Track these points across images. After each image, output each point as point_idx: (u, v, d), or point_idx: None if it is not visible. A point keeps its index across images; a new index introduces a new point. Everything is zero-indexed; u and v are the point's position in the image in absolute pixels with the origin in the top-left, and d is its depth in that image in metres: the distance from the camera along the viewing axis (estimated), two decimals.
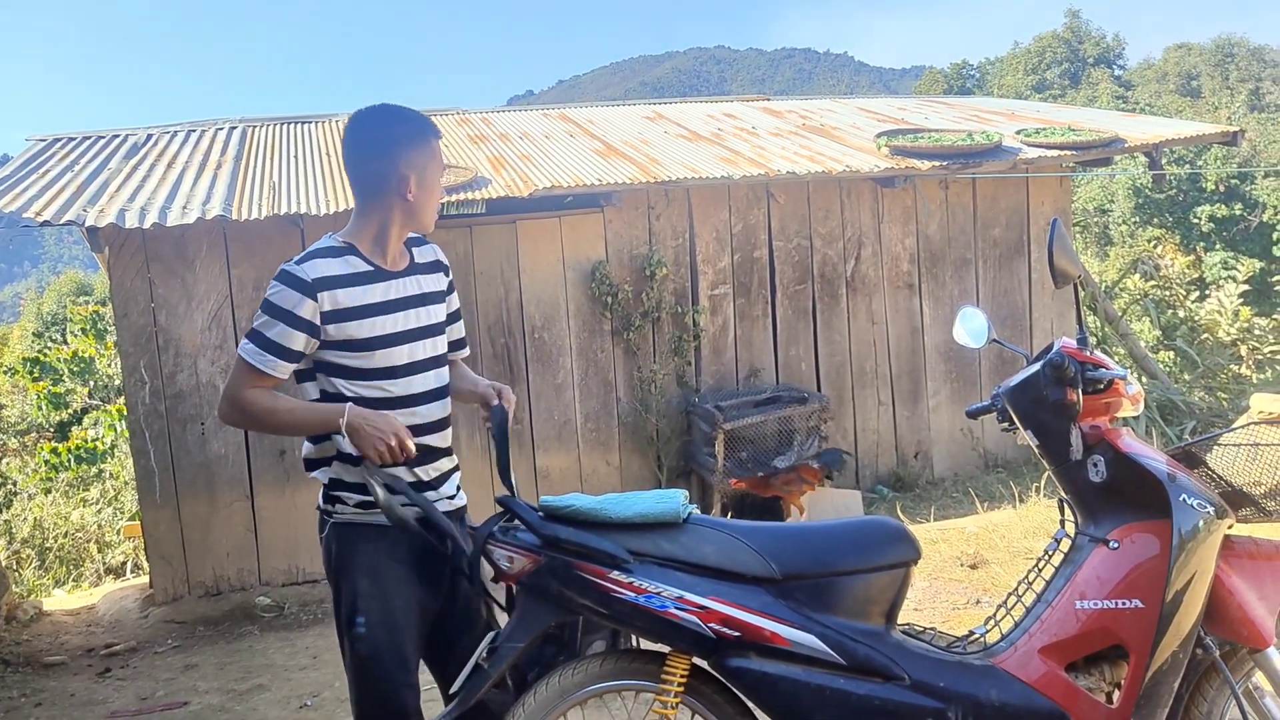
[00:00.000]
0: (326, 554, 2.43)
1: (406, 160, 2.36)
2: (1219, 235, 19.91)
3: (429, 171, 2.39)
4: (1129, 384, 2.50)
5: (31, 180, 6.38)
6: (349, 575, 2.36)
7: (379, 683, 2.37)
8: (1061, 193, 7.97)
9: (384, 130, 2.39)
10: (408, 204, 2.39)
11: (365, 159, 2.39)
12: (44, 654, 5.45)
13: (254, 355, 2.29)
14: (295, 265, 2.31)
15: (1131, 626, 2.33)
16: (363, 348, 2.35)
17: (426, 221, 2.46)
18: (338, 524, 2.39)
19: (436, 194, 2.45)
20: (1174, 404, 8.08)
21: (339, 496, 2.39)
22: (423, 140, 2.39)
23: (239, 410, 2.33)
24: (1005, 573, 5.01)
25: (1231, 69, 35.83)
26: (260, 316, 2.31)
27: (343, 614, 2.37)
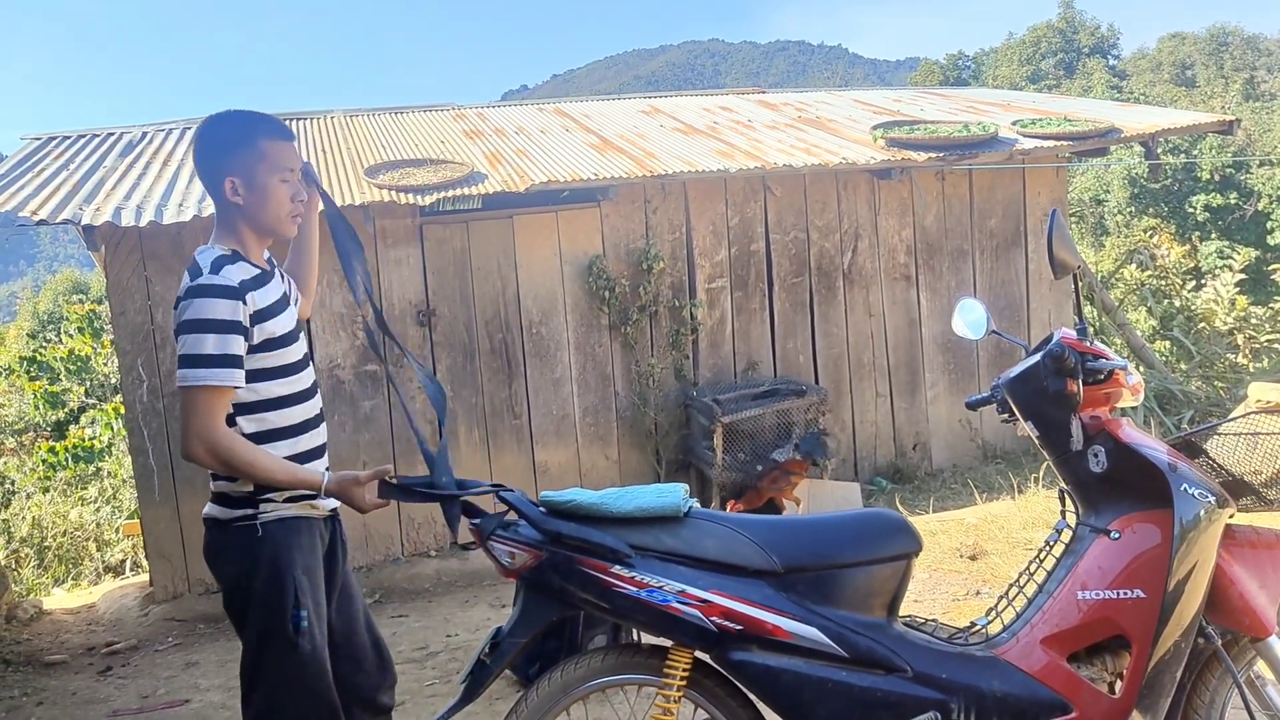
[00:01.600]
0: (254, 560, 2.32)
1: (229, 164, 2.33)
2: (1214, 224, 19.93)
3: (257, 174, 2.34)
4: (1129, 374, 2.50)
5: (27, 179, 6.36)
6: (289, 572, 2.32)
7: (317, 680, 2.35)
8: (1057, 183, 7.97)
9: (211, 135, 2.38)
10: (239, 208, 2.36)
11: (198, 165, 2.41)
12: (45, 653, 5.45)
13: (214, 376, 2.23)
14: (213, 275, 2.27)
15: (1133, 616, 2.34)
16: (280, 345, 2.37)
17: (271, 225, 2.40)
18: (268, 523, 2.33)
19: (274, 201, 2.37)
20: (1172, 393, 8.09)
21: (266, 497, 2.34)
22: (246, 143, 2.34)
23: (216, 454, 2.25)
24: (1005, 564, 5.02)
25: (1226, 58, 35.82)
26: (197, 338, 2.23)
27: (277, 613, 2.30)
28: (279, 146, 2.38)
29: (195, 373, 2.23)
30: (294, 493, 2.36)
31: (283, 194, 2.38)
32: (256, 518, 2.34)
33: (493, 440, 6.58)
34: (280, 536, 2.34)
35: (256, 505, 2.34)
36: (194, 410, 2.24)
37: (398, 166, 6.49)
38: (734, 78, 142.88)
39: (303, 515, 2.38)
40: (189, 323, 2.24)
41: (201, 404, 2.24)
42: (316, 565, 2.40)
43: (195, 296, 2.25)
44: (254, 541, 2.33)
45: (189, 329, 2.24)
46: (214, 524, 2.39)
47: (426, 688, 4.32)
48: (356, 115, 8.61)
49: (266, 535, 2.33)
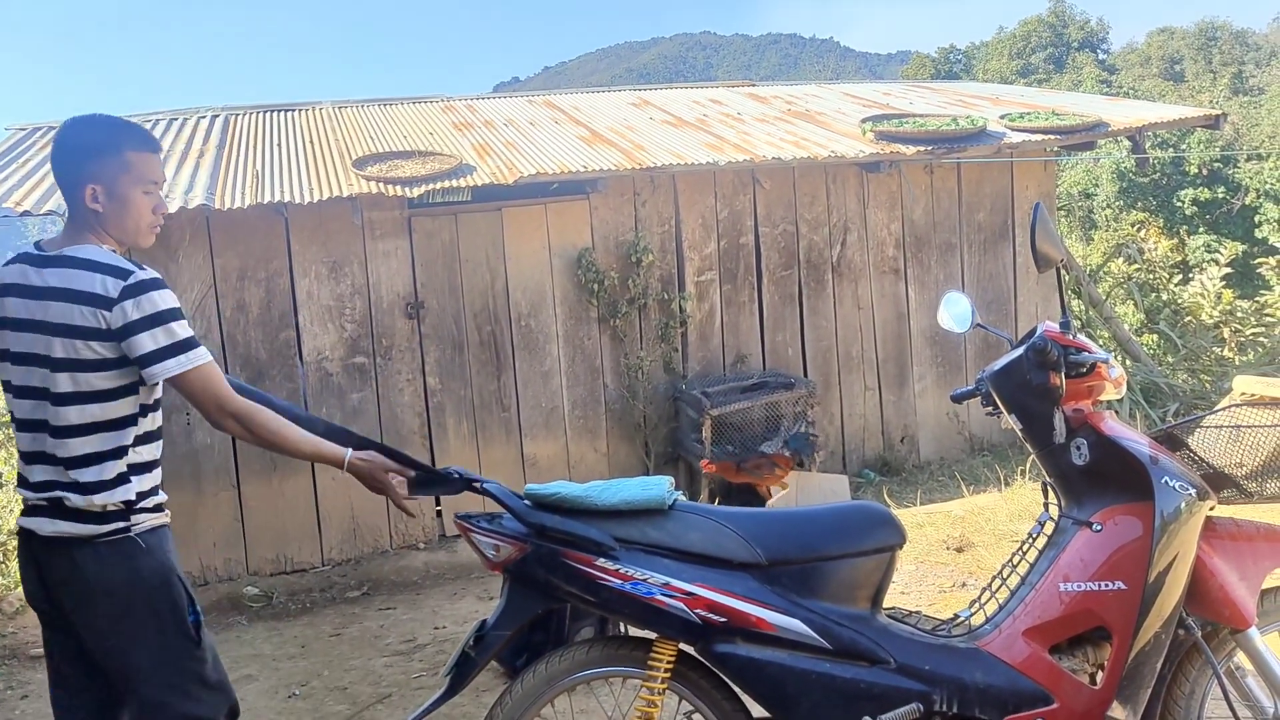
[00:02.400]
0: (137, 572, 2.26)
1: (91, 170, 2.28)
2: (1202, 218, 20.02)
3: (120, 184, 2.29)
4: (1111, 367, 2.52)
5: (11, 170, 6.32)
6: (175, 575, 2.31)
7: (215, 671, 2.36)
8: (1046, 177, 7.99)
9: (75, 140, 2.32)
10: (98, 215, 2.30)
11: (56, 167, 2.34)
12: (30, 646, 5.42)
13: (205, 355, 2.30)
14: (144, 270, 2.26)
15: (1114, 608, 2.35)
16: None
17: (129, 235, 2.37)
18: (147, 532, 2.29)
19: (134, 211, 2.33)
20: (1157, 386, 8.13)
21: (141, 508, 2.29)
22: (112, 150, 2.29)
23: (244, 420, 2.30)
24: (991, 556, 5.04)
25: (1214, 52, 35.93)
26: (177, 324, 2.26)
27: (175, 616, 2.29)
28: (145, 158, 2.34)
29: (193, 354, 2.26)
30: (159, 500, 2.35)
31: (144, 205, 2.34)
32: (130, 530, 2.27)
33: (481, 433, 6.57)
34: (157, 545, 2.31)
35: (129, 518, 2.27)
36: (208, 386, 2.28)
37: (386, 158, 6.47)
38: (726, 70, 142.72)
39: (165, 523, 2.37)
40: (164, 313, 2.23)
41: (212, 380, 2.28)
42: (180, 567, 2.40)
43: (148, 290, 2.23)
44: (135, 554, 2.27)
45: (166, 318, 2.23)
46: (74, 543, 2.25)
47: (413, 679, 4.32)
48: (345, 106, 8.58)
49: (147, 546, 2.28)
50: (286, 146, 7.03)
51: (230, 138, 7.27)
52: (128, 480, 2.28)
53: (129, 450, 2.29)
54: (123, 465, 2.28)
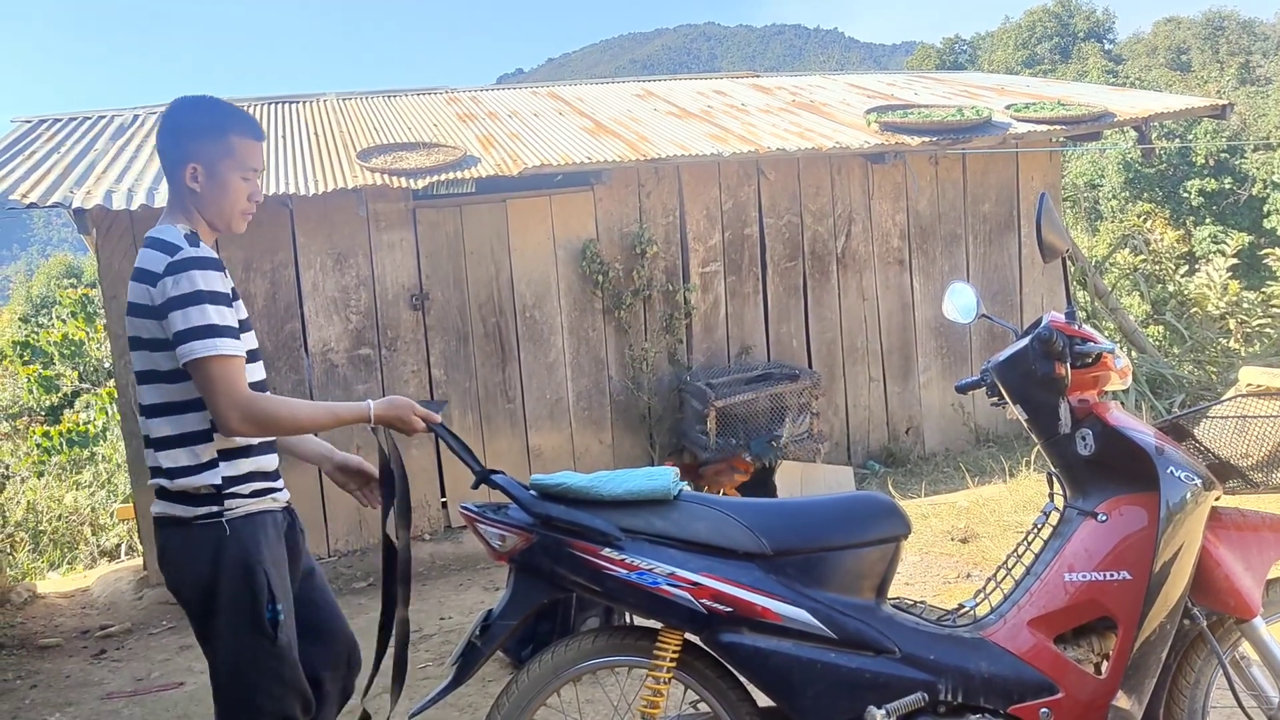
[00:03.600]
0: (221, 558, 2.26)
1: (194, 149, 2.31)
2: (1208, 209, 19.92)
3: (221, 167, 2.32)
4: (1117, 358, 2.51)
5: (17, 162, 6.33)
6: (260, 567, 2.27)
7: (292, 670, 2.32)
8: (1051, 167, 7.96)
9: (182, 118, 2.35)
10: (195, 195, 2.33)
11: (161, 145, 2.37)
12: (39, 636, 5.46)
13: (227, 345, 2.19)
14: (195, 249, 2.24)
15: (1119, 598, 2.35)
16: (243, 330, 2.32)
17: (222, 218, 2.38)
18: (234, 520, 2.28)
19: (233, 195, 2.35)
20: (1163, 377, 8.11)
21: (233, 493, 2.29)
22: (217, 133, 2.32)
23: (260, 420, 2.21)
24: (995, 547, 5.04)
25: (1221, 42, 35.74)
26: (200, 309, 2.18)
27: (251, 609, 2.26)
28: (249, 145, 2.36)
29: (208, 342, 2.17)
30: (259, 485, 2.33)
31: (241, 191, 2.36)
32: (222, 515, 2.27)
33: (486, 424, 6.58)
34: (247, 533, 2.29)
35: (222, 502, 2.27)
36: (219, 380, 2.18)
37: (391, 150, 6.47)
38: (730, 61, 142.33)
39: (266, 510, 2.34)
40: (188, 295, 2.18)
41: (223, 373, 2.18)
42: (282, 558, 2.37)
43: (189, 269, 2.20)
44: (222, 540, 2.26)
45: (188, 301, 2.18)
46: (173, 523, 2.31)
47: (420, 670, 4.33)
48: (350, 98, 8.57)
49: (234, 533, 2.27)
50: (291, 138, 7.03)
51: None
52: (215, 465, 2.28)
53: (213, 434, 2.27)
54: (210, 450, 2.28)
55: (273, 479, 2.40)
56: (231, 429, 2.20)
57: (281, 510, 2.42)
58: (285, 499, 2.45)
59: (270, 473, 2.39)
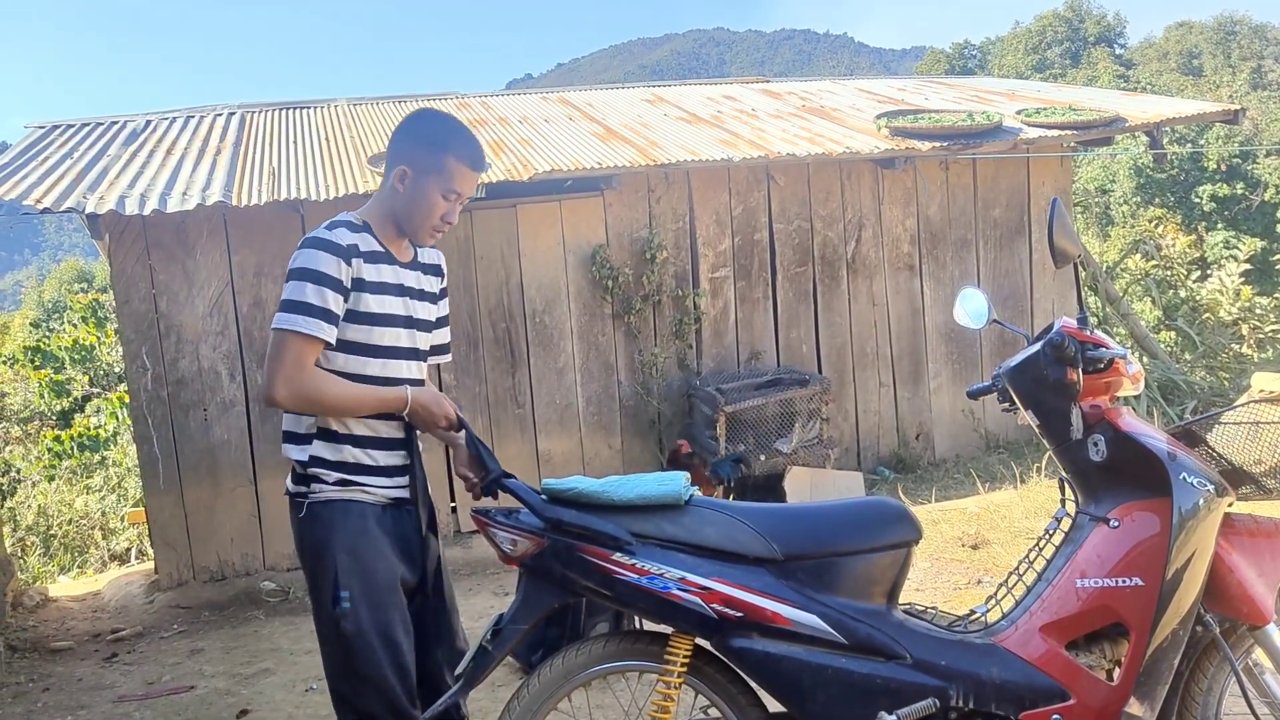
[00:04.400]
0: (301, 538, 2.39)
1: (411, 155, 2.40)
2: (1221, 214, 19.86)
3: (427, 179, 2.38)
4: (1129, 363, 2.50)
5: (31, 168, 6.37)
6: (329, 552, 2.33)
7: (365, 663, 2.33)
8: (1062, 173, 7.95)
9: (416, 125, 2.45)
10: (396, 194, 2.42)
11: (393, 140, 2.47)
12: (51, 639, 5.48)
13: (308, 325, 2.26)
14: (326, 231, 2.34)
15: (1132, 604, 2.34)
16: (366, 321, 2.36)
17: (411, 226, 2.44)
18: (314, 504, 2.36)
19: (427, 207, 2.40)
20: (1175, 383, 8.08)
21: (316, 474, 2.36)
22: (436, 148, 2.39)
23: (307, 396, 2.28)
24: (1006, 553, 5.03)
25: (1233, 47, 35.64)
26: (297, 285, 2.29)
27: (324, 593, 2.33)
28: (461, 170, 2.40)
29: (288, 317, 2.27)
30: (346, 476, 2.37)
31: (438, 208, 2.41)
32: (307, 496, 2.37)
33: (496, 429, 6.59)
34: (325, 517, 2.35)
35: (308, 484, 2.37)
36: (282, 353, 2.27)
37: None
38: (739, 66, 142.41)
39: (351, 499, 2.38)
40: (293, 270, 2.31)
41: (290, 348, 2.26)
42: (366, 548, 2.36)
43: (305, 246, 2.32)
44: (304, 519, 2.37)
45: (292, 275, 2.30)
46: (288, 497, 2.44)
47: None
48: (360, 104, 8.60)
49: (311, 515, 2.36)
50: (302, 144, 7.06)
51: (246, 135, 7.31)
52: (309, 441, 2.37)
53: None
54: (310, 424, 2.37)
55: (374, 473, 2.40)
56: (275, 399, 2.27)
57: (384, 504, 2.42)
58: (388, 495, 2.43)
59: (372, 466, 2.40)
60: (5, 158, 6.73)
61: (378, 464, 2.42)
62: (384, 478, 2.43)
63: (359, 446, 2.38)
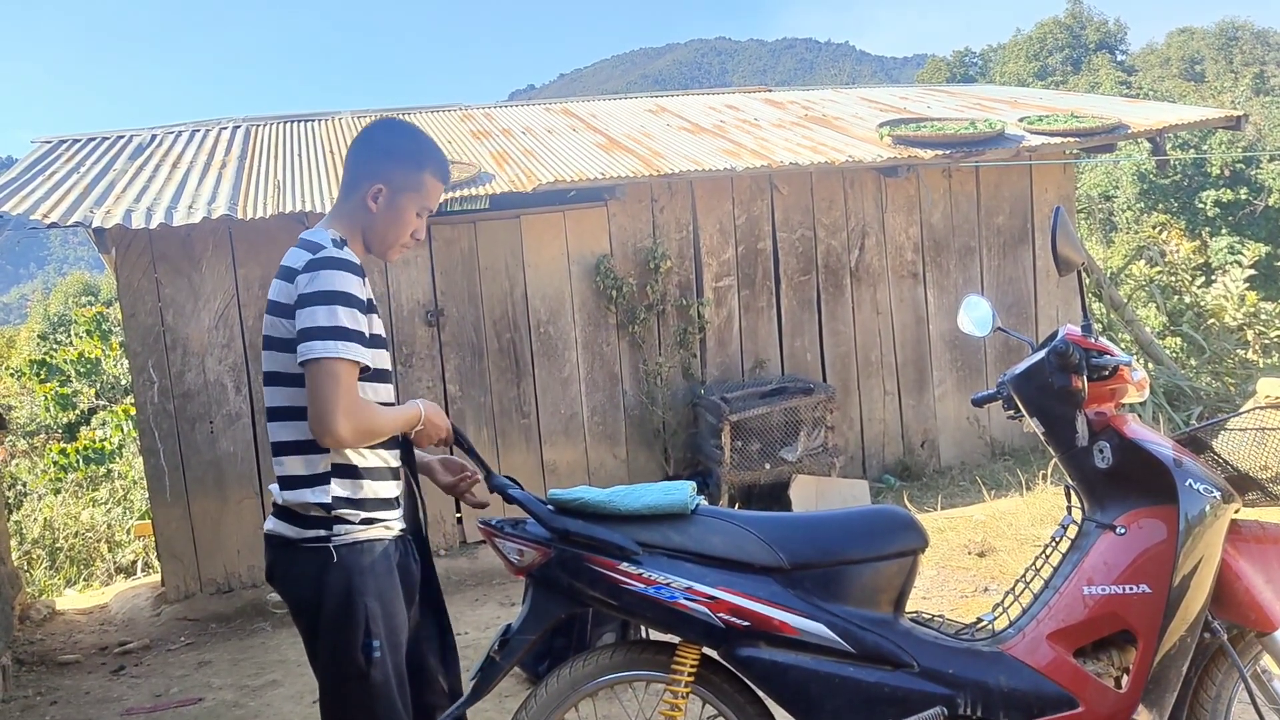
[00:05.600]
0: (324, 584, 2.18)
1: (386, 172, 2.28)
2: (1225, 220, 19.83)
3: (404, 198, 2.29)
4: (1134, 370, 2.51)
5: (38, 182, 6.40)
6: (360, 599, 2.18)
7: (389, 709, 2.22)
8: (1065, 179, 7.95)
9: (384, 139, 2.33)
10: (369, 215, 2.30)
11: (354, 157, 2.34)
12: (58, 653, 5.49)
13: (350, 350, 2.10)
14: (338, 250, 2.20)
15: (1139, 611, 2.34)
16: (376, 344, 2.25)
17: (382, 244, 2.34)
18: (341, 547, 2.19)
19: (400, 227, 2.31)
20: (1181, 389, 8.07)
21: (341, 516, 2.20)
22: (414, 166, 2.30)
23: (367, 428, 2.14)
24: (1013, 560, 5.02)
25: (1235, 52, 35.66)
26: (329, 309, 2.11)
27: (351, 641, 2.18)
28: (436, 187, 2.34)
29: (331, 344, 2.08)
30: (370, 515, 2.24)
31: (410, 225, 2.33)
32: (330, 540, 2.19)
33: (501, 439, 6.60)
34: (353, 562, 2.19)
35: (330, 527, 2.19)
36: (336, 383, 2.08)
37: None
38: (741, 76, 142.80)
39: (376, 539, 2.24)
40: (319, 294, 2.12)
41: (344, 377, 2.09)
42: (390, 590, 2.25)
43: (324, 268, 2.14)
44: (327, 566, 2.18)
45: (319, 300, 2.11)
46: (280, 542, 2.25)
47: None
48: (364, 116, 8.64)
49: (340, 561, 2.18)
50: (307, 156, 7.09)
51: (252, 148, 7.34)
52: (326, 481, 2.19)
53: (326, 449, 2.18)
54: (325, 462, 2.19)
55: (389, 507, 2.30)
56: (339, 436, 2.10)
57: (395, 539, 2.31)
58: (400, 528, 2.33)
59: (387, 500, 2.29)
60: (12, 172, 6.76)
61: (391, 497, 2.31)
62: (396, 510, 2.34)
63: (375, 479, 2.26)
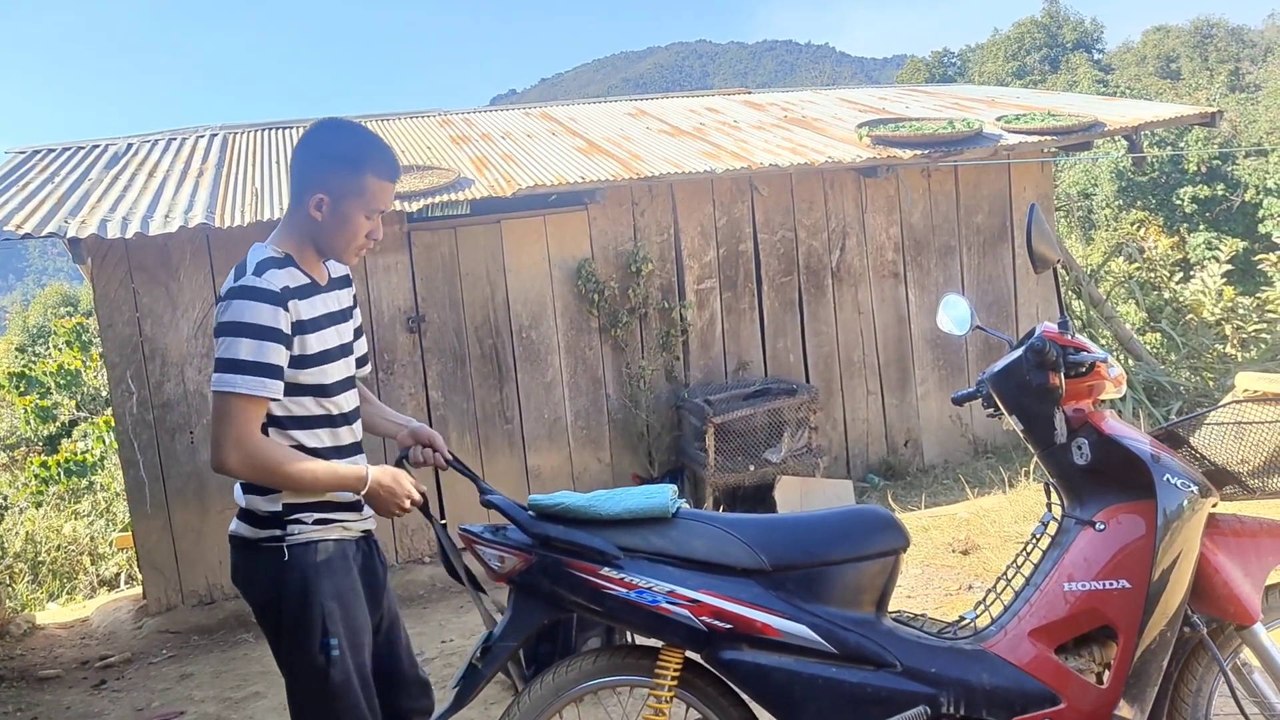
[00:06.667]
0: (279, 584, 2.23)
1: (325, 180, 2.25)
2: (1202, 216, 19.99)
3: (348, 204, 2.26)
4: (1111, 366, 2.52)
5: (12, 193, 6.35)
6: (315, 599, 2.23)
7: (349, 709, 2.26)
8: (1043, 178, 8.00)
9: (322, 144, 2.29)
10: (315, 223, 2.28)
11: (295, 164, 2.32)
12: (38, 668, 5.43)
13: (247, 384, 2.13)
14: (255, 277, 2.19)
15: (1119, 607, 2.35)
16: (313, 363, 2.26)
17: (335, 251, 2.33)
18: (295, 546, 2.24)
19: (349, 233, 2.29)
20: (1160, 385, 8.12)
21: (295, 519, 2.25)
22: (353, 170, 2.25)
23: (259, 464, 2.15)
24: (996, 558, 5.04)
25: (1210, 50, 35.96)
26: (232, 341, 2.14)
27: (309, 641, 2.23)
28: (382, 186, 2.29)
29: (228, 378, 2.13)
30: (324, 515, 2.28)
31: (361, 229, 2.30)
32: (284, 539, 2.24)
33: (485, 445, 6.58)
34: (308, 561, 2.24)
35: (284, 526, 2.24)
36: (227, 417, 2.13)
37: None
38: (722, 78, 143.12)
39: (333, 538, 2.29)
40: (226, 325, 2.17)
41: (235, 411, 2.13)
42: (349, 590, 2.30)
43: (235, 298, 2.17)
44: (281, 565, 2.23)
45: (226, 331, 2.16)
46: (240, 543, 2.31)
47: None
48: None
49: (293, 559, 2.23)
50: (285, 164, 7.05)
51: (229, 156, 7.30)
52: (275, 490, 2.24)
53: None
54: None
55: (346, 509, 2.33)
56: (226, 466, 2.15)
57: (355, 540, 2.36)
58: (361, 529, 2.38)
59: (343, 503, 2.32)
60: None
61: (352, 499, 2.33)
62: (356, 511, 2.37)
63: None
